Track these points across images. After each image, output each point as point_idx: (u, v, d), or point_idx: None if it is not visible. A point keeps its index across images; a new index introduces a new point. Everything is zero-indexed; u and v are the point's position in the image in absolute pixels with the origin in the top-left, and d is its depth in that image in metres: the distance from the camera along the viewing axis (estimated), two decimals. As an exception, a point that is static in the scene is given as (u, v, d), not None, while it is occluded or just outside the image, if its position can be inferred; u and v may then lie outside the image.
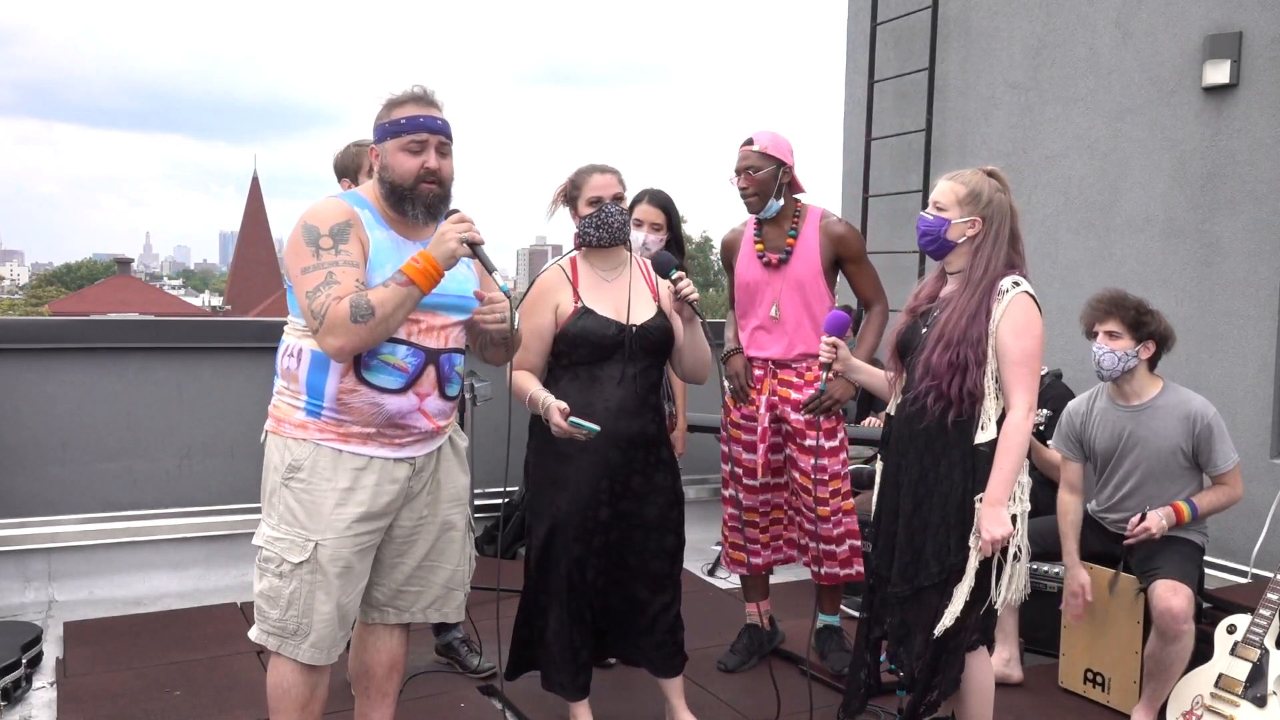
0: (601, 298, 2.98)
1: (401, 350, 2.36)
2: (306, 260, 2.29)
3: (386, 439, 2.40)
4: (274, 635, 2.41)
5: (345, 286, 2.26)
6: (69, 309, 37.31)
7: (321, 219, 2.33)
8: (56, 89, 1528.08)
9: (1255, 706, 2.99)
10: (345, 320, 2.22)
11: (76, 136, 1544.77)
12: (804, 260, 3.45)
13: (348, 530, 2.37)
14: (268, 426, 2.47)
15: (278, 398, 2.45)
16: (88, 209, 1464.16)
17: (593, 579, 2.97)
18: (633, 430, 2.94)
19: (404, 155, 2.36)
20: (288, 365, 2.42)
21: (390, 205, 2.41)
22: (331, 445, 2.37)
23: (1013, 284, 2.61)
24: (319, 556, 2.35)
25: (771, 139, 3.43)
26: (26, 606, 4.31)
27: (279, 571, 2.37)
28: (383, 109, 2.41)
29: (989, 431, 2.58)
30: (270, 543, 2.40)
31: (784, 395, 3.49)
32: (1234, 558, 4.05)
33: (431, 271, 2.27)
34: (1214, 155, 4.25)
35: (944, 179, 2.71)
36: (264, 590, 2.41)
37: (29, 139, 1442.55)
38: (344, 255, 2.30)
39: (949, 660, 2.63)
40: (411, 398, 2.39)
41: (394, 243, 2.40)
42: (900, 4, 5.69)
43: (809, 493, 3.46)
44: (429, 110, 2.39)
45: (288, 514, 2.37)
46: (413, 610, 2.60)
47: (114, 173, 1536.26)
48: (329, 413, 2.37)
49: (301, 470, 2.36)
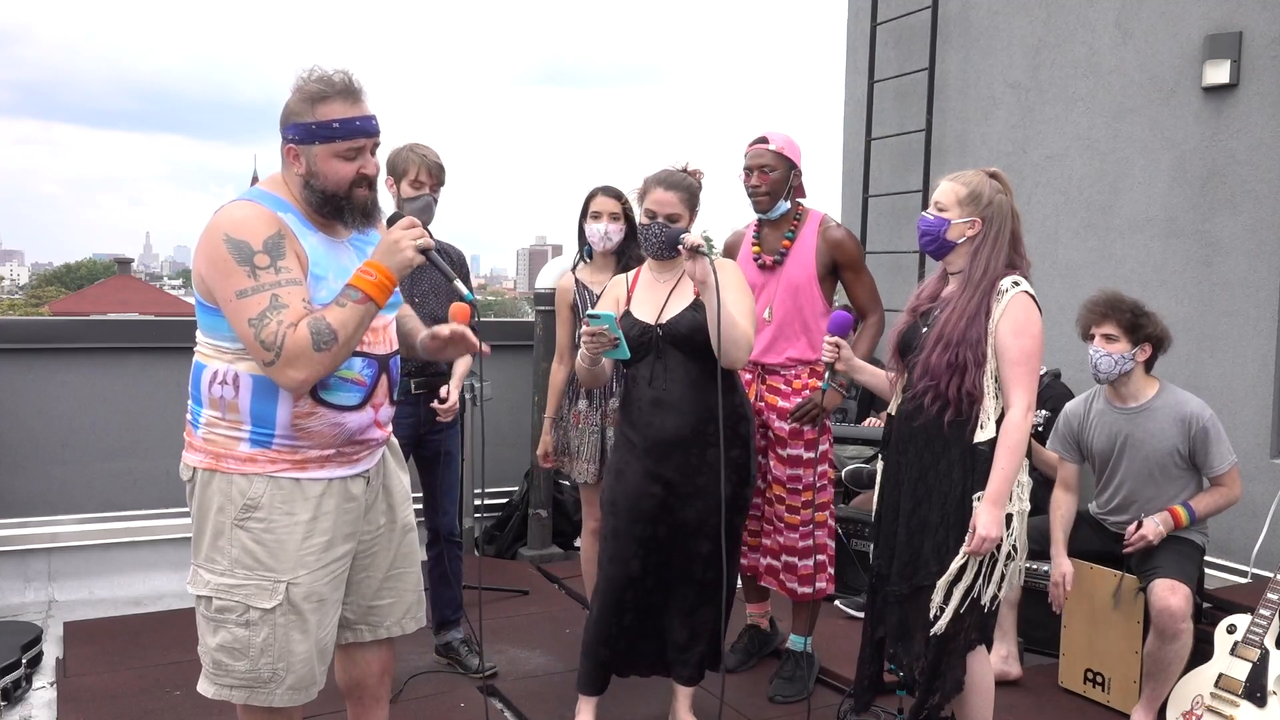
0: (647, 300, 3.04)
1: (358, 363, 2.17)
2: (241, 282, 2.01)
3: (345, 458, 2.21)
4: (241, 688, 2.18)
5: (294, 310, 2.01)
6: (69, 309, 37.30)
7: (250, 231, 2.04)
8: (56, 89, 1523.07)
9: (1255, 706, 2.99)
10: (307, 349, 2.00)
11: (76, 137, 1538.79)
12: (799, 263, 3.41)
13: (318, 563, 2.17)
14: (196, 463, 2.17)
15: (208, 430, 2.15)
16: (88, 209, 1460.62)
17: (638, 573, 2.97)
18: (667, 429, 2.93)
19: (338, 162, 2.11)
20: (220, 394, 2.12)
21: (320, 213, 2.17)
22: (287, 475, 2.14)
23: (1012, 284, 2.61)
24: (292, 597, 2.14)
25: (786, 140, 3.41)
26: (26, 606, 4.32)
27: (244, 620, 2.13)
28: (301, 100, 2.11)
29: (988, 430, 2.58)
30: (225, 591, 2.13)
31: (770, 402, 3.42)
32: (1234, 558, 4.05)
33: (386, 284, 2.09)
34: (1214, 155, 4.25)
35: (945, 179, 2.71)
36: (224, 643, 2.15)
37: (29, 139, 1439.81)
38: (285, 273, 2.03)
39: (950, 662, 2.63)
40: (369, 411, 2.22)
41: (327, 246, 2.18)
42: (900, 4, 5.69)
43: (781, 502, 3.41)
44: (360, 109, 2.13)
45: (245, 557, 2.13)
46: (388, 625, 2.43)
47: (114, 173, 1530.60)
48: (281, 440, 2.13)
49: (259, 509, 2.12)
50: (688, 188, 2.97)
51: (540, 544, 5.05)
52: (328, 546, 2.19)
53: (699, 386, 2.93)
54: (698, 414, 2.93)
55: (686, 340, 2.93)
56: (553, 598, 4.44)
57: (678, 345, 2.94)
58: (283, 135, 2.15)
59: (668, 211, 2.93)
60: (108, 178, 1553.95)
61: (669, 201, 2.94)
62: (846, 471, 4.69)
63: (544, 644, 3.91)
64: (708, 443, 2.93)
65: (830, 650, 3.72)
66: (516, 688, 3.47)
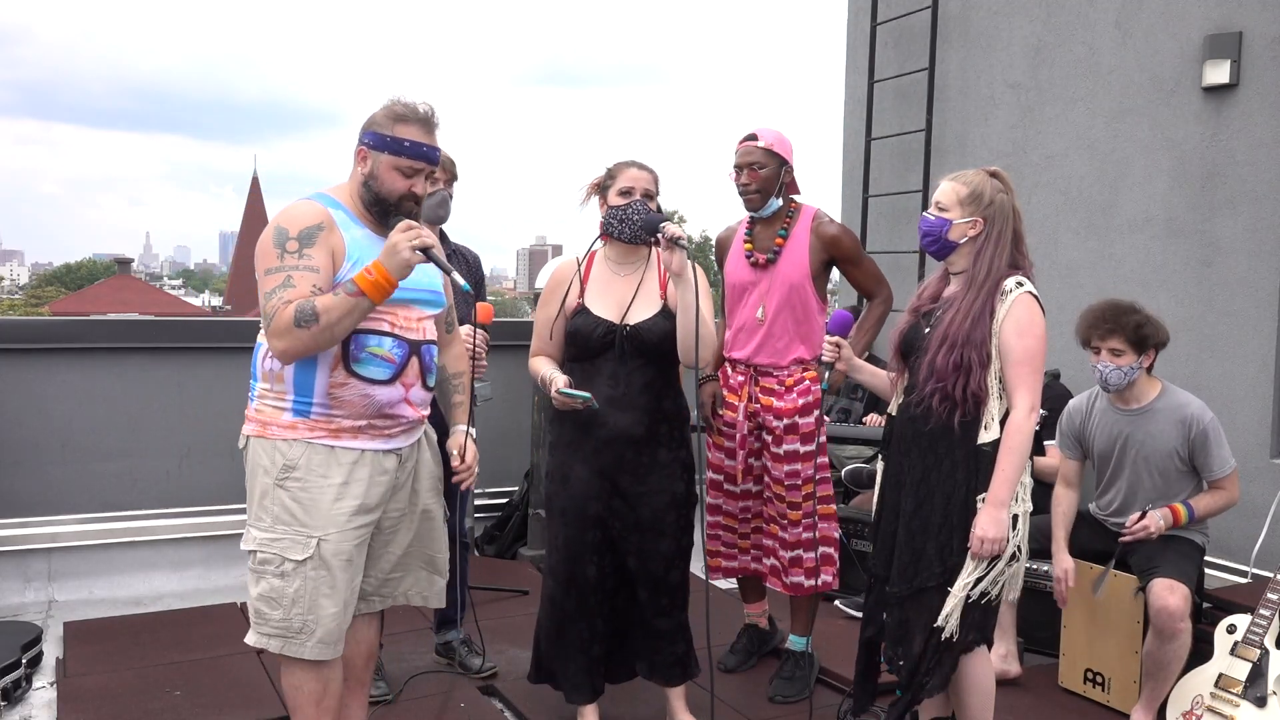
0: (606, 294, 2.98)
1: (388, 342, 2.42)
2: (271, 261, 2.33)
3: (376, 431, 2.45)
4: (276, 637, 2.41)
5: (299, 291, 2.30)
6: (69, 309, 37.30)
7: (293, 221, 2.36)
8: (56, 89, 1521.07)
9: (1255, 706, 2.99)
10: (289, 324, 2.25)
11: (76, 137, 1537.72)
12: (792, 261, 3.37)
13: (348, 524, 2.40)
14: (249, 431, 2.47)
15: (259, 401, 2.46)
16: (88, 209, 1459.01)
17: (595, 577, 2.97)
18: (620, 428, 2.91)
19: (397, 175, 2.41)
20: (270, 367, 2.42)
21: (370, 212, 2.45)
22: (323, 442, 2.40)
23: (1016, 284, 2.61)
24: (323, 552, 2.38)
25: (776, 136, 3.37)
26: (26, 606, 4.31)
27: (280, 571, 2.38)
28: (385, 115, 2.43)
29: (992, 431, 2.58)
30: (266, 544, 2.40)
31: (766, 403, 3.39)
32: (1234, 558, 4.05)
33: (383, 283, 2.29)
34: (1214, 155, 4.25)
35: (946, 179, 2.70)
36: (263, 593, 2.41)
37: (29, 139, 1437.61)
38: (305, 260, 2.33)
39: (943, 660, 2.63)
40: (398, 388, 2.44)
41: (370, 240, 2.44)
42: (900, 4, 5.68)
43: (782, 500, 3.40)
44: (431, 139, 2.45)
45: (284, 514, 2.39)
46: (395, 595, 2.65)
47: (114, 173, 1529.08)
48: (319, 409, 2.40)
49: (297, 469, 2.38)
50: (655, 170, 2.98)
51: (540, 544, 5.04)
52: (357, 511, 2.42)
53: (653, 388, 2.95)
54: (651, 414, 2.94)
55: (652, 347, 2.92)
56: (553, 598, 4.43)
57: (641, 350, 2.92)
58: (359, 138, 2.46)
59: (644, 188, 2.93)
60: (107, 178, 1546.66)
61: (645, 179, 2.94)
62: (846, 471, 4.69)
63: (544, 644, 3.90)
64: (659, 443, 2.95)
65: (830, 650, 3.71)
66: (516, 688, 3.47)
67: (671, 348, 2.91)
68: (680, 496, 3.00)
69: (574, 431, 2.96)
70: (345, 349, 2.37)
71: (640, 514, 2.95)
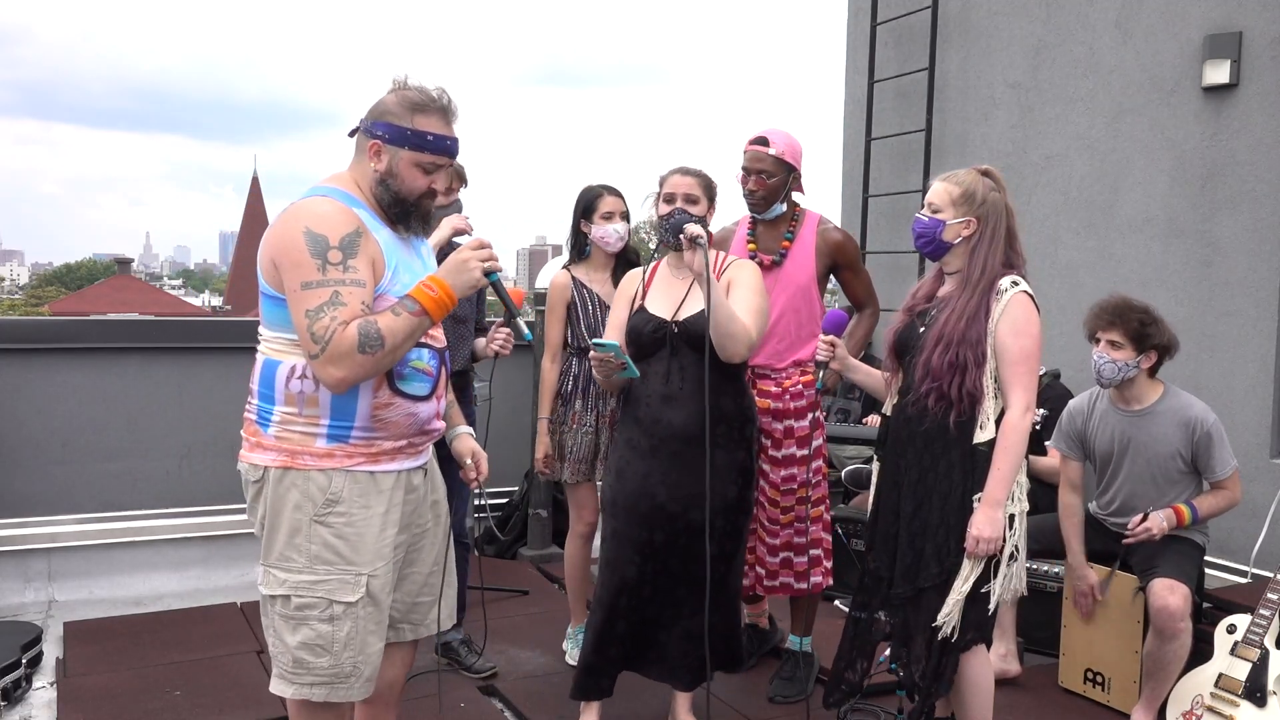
0: (664, 295, 3.03)
1: (425, 354, 2.23)
2: (309, 274, 2.05)
3: (413, 449, 2.27)
4: (322, 685, 2.17)
5: (351, 309, 2.05)
6: (69, 309, 37.31)
7: (329, 226, 2.08)
8: (56, 89, 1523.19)
9: (1255, 706, 2.99)
10: (352, 350, 2.02)
11: (76, 137, 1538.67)
12: (799, 265, 3.37)
13: (391, 555, 2.23)
14: (269, 461, 2.17)
15: (282, 428, 2.16)
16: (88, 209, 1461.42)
17: (633, 579, 2.94)
18: (675, 426, 2.91)
19: (418, 172, 2.20)
20: (299, 389, 2.14)
21: (387, 211, 2.23)
22: (363, 469, 2.18)
23: (1011, 283, 2.61)
24: (371, 589, 2.18)
25: (787, 143, 3.33)
26: (26, 606, 4.32)
27: (327, 616, 2.15)
28: (400, 104, 2.18)
29: (988, 431, 2.58)
30: (305, 588, 2.14)
31: (763, 405, 3.37)
32: (1234, 558, 4.05)
33: (446, 302, 2.12)
34: (1214, 155, 4.25)
35: (938, 180, 2.70)
36: (306, 641, 2.15)
37: (29, 139, 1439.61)
38: (352, 273, 2.08)
39: (949, 661, 2.63)
40: (434, 402, 2.28)
41: (396, 241, 2.24)
42: (900, 4, 5.68)
43: (775, 504, 3.38)
44: (451, 130, 2.24)
45: (325, 552, 2.14)
46: (427, 623, 2.45)
47: (114, 173, 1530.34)
48: (360, 433, 2.17)
49: (340, 503, 2.15)
50: (705, 176, 3.01)
51: (540, 544, 5.05)
52: (397, 538, 2.25)
53: (710, 387, 2.90)
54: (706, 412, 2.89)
55: (702, 339, 2.89)
56: (553, 598, 4.44)
57: (693, 344, 2.92)
58: (369, 130, 2.19)
59: (684, 192, 2.96)
60: (107, 178, 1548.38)
61: (685, 184, 2.97)
62: (847, 472, 4.69)
63: (544, 644, 3.90)
64: (715, 444, 2.91)
65: (830, 650, 3.69)
66: (516, 688, 3.47)
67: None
68: (731, 501, 2.96)
69: (634, 429, 2.98)
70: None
71: (689, 517, 2.92)
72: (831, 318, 2.92)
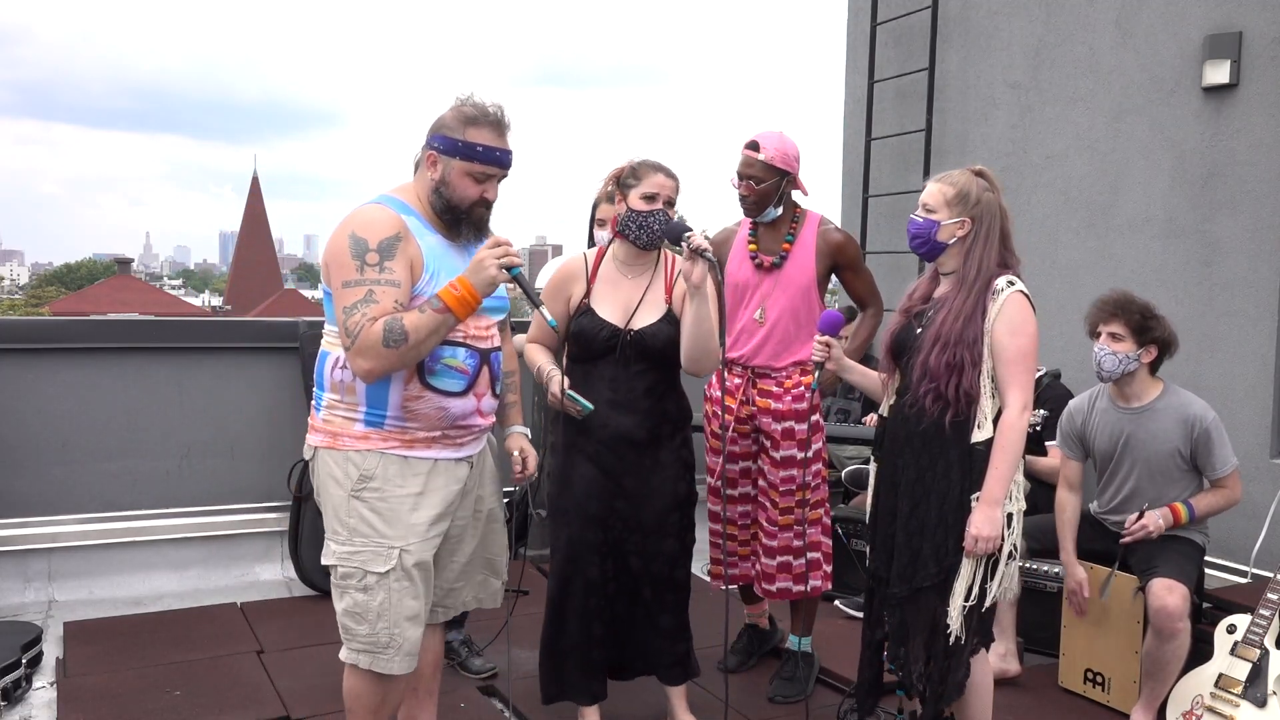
0: (613, 295, 2.96)
1: (461, 353, 2.37)
2: (349, 274, 2.25)
3: (450, 440, 2.41)
4: (365, 652, 2.37)
5: (383, 307, 2.23)
6: (69, 309, 37.29)
7: (372, 230, 2.27)
8: (55, 90, 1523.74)
9: (1255, 706, 2.99)
10: (377, 344, 2.19)
11: (76, 137, 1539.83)
12: (800, 266, 3.36)
13: (426, 534, 2.37)
14: (318, 442, 2.40)
15: (328, 411, 2.39)
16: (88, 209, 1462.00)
17: (597, 579, 2.96)
18: (622, 430, 2.91)
19: (469, 181, 2.35)
20: (340, 378, 2.36)
21: (440, 218, 2.40)
22: (397, 453, 2.35)
23: (1007, 283, 2.61)
24: (404, 563, 2.34)
25: (779, 149, 3.27)
26: (26, 606, 4.31)
27: (363, 585, 2.33)
28: (455, 118, 2.35)
29: (985, 430, 2.58)
30: (346, 558, 2.34)
31: (763, 405, 3.38)
32: (1234, 558, 4.05)
33: (469, 300, 2.25)
34: (1214, 155, 4.25)
35: (932, 181, 2.71)
36: (348, 608, 2.36)
37: (29, 139, 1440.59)
38: (387, 274, 2.25)
39: (953, 665, 2.63)
40: (471, 399, 2.41)
41: (444, 247, 2.39)
42: (900, 4, 5.68)
43: (774, 505, 3.38)
44: (503, 142, 2.38)
45: (362, 525, 2.33)
46: (457, 605, 2.62)
47: (114, 173, 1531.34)
48: (393, 421, 2.35)
49: (374, 480, 2.33)
50: (679, 177, 2.96)
51: (540, 544, 5.04)
52: (435, 520, 2.40)
53: (656, 392, 2.94)
54: (653, 416, 2.94)
55: (657, 352, 2.90)
56: (553, 598, 4.43)
57: (645, 355, 2.91)
58: (428, 142, 2.39)
59: (668, 196, 2.91)
60: (107, 178, 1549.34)
61: (671, 186, 2.92)
62: (847, 472, 4.69)
63: (544, 644, 3.90)
64: (660, 443, 2.95)
65: (830, 650, 3.71)
66: (516, 688, 3.47)
67: (674, 353, 2.90)
68: (683, 496, 3.01)
69: (576, 433, 2.96)
70: (420, 362, 2.32)
71: (643, 515, 2.94)
72: (827, 318, 2.92)
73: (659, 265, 3.00)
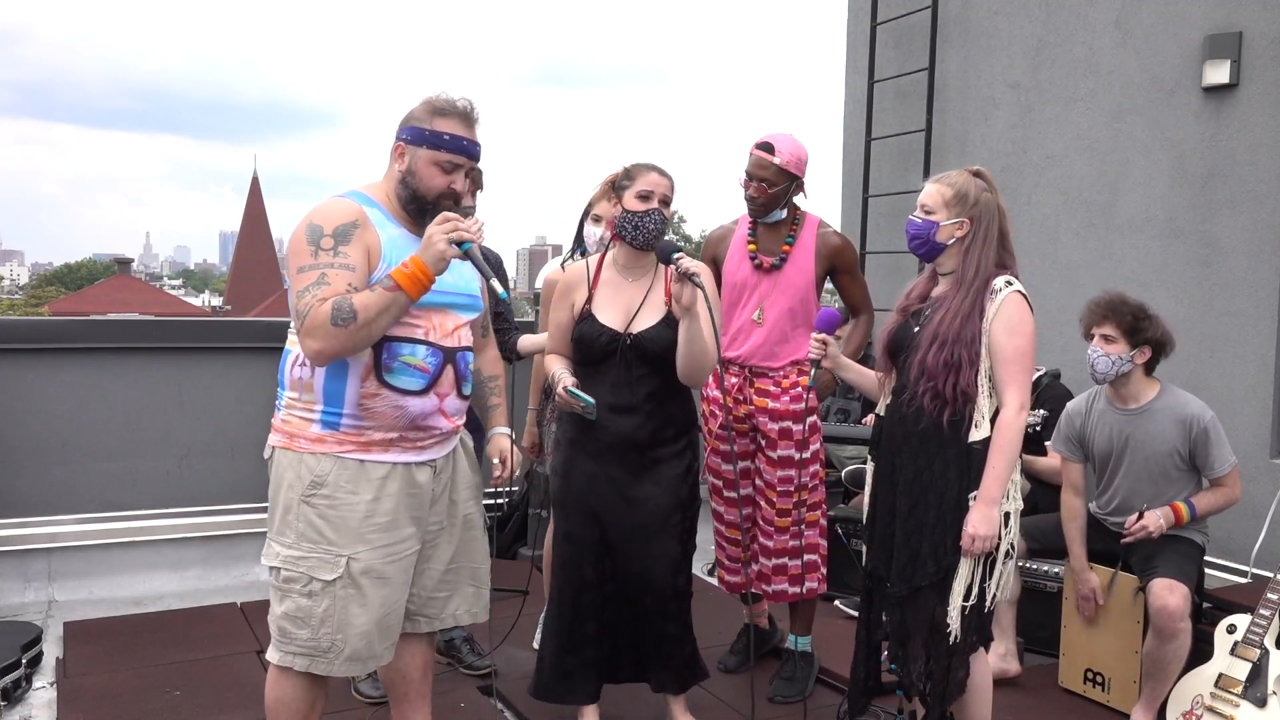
0: (613, 300, 2.96)
1: (421, 350, 2.33)
2: (304, 259, 2.24)
3: (409, 443, 2.36)
4: (302, 655, 2.33)
5: (334, 289, 2.20)
6: (69, 309, 37.29)
7: (327, 218, 2.27)
8: (55, 90, 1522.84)
9: (1255, 706, 2.99)
10: (325, 322, 2.16)
11: (76, 137, 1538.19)
12: (798, 267, 3.36)
13: (380, 541, 2.32)
14: (275, 442, 2.38)
15: (287, 411, 2.36)
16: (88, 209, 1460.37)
17: (592, 578, 2.95)
18: (624, 433, 2.91)
19: (435, 170, 2.33)
20: (299, 375, 2.34)
21: (406, 210, 2.38)
22: (353, 457, 2.31)
23: (1005, 283, 2.62)
24: (352, 571, 2.30)
25: (793, 153, 3.28)
26: (26, 606, 4.32)
27: (307, 591, 2.30)
28: (423, 109, 2.36)
29: (983, 430, 2.58)
30: (292, 562, 2.31)
31: (760, 405, 3.38)
32: (1234, 558, 4.05)
33: (420, 277, 2.21)
34: (1214, 155, 4.25)
35: (930, 181, 2.71)
36: (288, 612, 2.32)
37: (29, 139, 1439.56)
38: (341, 258, 2.23)
39: (956, 664, 2.63)
40: (432, 398, 2.36)
41: (406, 239, 2.35)
42: (900, 4, 5.68)
43: (772, 505, 3.38)
44: (471, 133, 2.37)
45: (310, 531, 2.30)
46: (443, 616, 2.56)
47: (114, 173, 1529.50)
48: (349, 421, 2.31)
49: (325, 486, 2.29)
50: (672, 176, 2.96)
51: (540, 544, 5.04)
52: (390, 527, 2.34)
53: (658, 395, 2.93)
54: (656, 419, 2.93)
55: (656, 357, 2.89)
56: (553, 598, 4.43)
57: (646, 359, 2.90)
58: (397, 134, 2.38)
59: (663, 194, 2.90)
60: (107, 178, 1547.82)
61: (664, 185, 2.91)
62: (847, 472, 4.69)
63: (544, 644, 3.90)
64: (663, 445, 2.94)
65: (830, 650, 3.71)
66: (516, 688, 3.47)
67: (675, 355, 2.88)
68: (685, 499, 2.99)
69: (579, 430, 2.96)
70: (377, 358, 2.28)
71: (644, 517, 2.92)
72: (823, 316, 2.92)
73: (659, 268, 3.00)
